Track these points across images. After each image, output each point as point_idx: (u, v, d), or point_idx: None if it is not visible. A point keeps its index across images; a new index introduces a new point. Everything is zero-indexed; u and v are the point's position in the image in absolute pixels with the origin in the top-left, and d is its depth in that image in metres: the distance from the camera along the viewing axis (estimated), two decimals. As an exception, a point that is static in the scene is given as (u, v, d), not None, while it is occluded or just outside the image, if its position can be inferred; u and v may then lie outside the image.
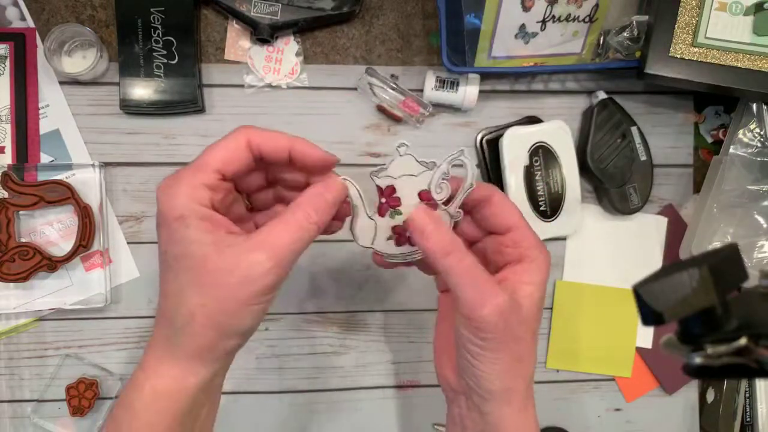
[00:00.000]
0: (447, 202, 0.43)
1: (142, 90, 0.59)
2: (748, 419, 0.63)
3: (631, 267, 0.65)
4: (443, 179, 0.43)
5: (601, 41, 0.62)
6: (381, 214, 0.43)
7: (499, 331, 0.38)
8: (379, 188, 0.43)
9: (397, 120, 0.63)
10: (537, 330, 0.41)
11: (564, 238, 0.65)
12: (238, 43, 0.62)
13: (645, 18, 0.58)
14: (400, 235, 0.44)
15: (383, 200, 0.43)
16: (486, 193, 0.43)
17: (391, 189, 0.43)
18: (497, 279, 0.40)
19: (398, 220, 0.43)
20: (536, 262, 0.41)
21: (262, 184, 0.43)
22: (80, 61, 0.60)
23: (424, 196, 0.43)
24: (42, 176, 0.59)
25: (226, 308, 0.36)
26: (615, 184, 0.63)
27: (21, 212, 0.59)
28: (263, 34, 0.59)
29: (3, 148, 0.59)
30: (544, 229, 0.62)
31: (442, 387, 0.46)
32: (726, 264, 0.31)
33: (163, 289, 0.38)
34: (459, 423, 0.44)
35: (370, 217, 0.43)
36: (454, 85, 0.61)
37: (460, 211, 0.44)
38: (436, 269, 0.41)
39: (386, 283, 0.64)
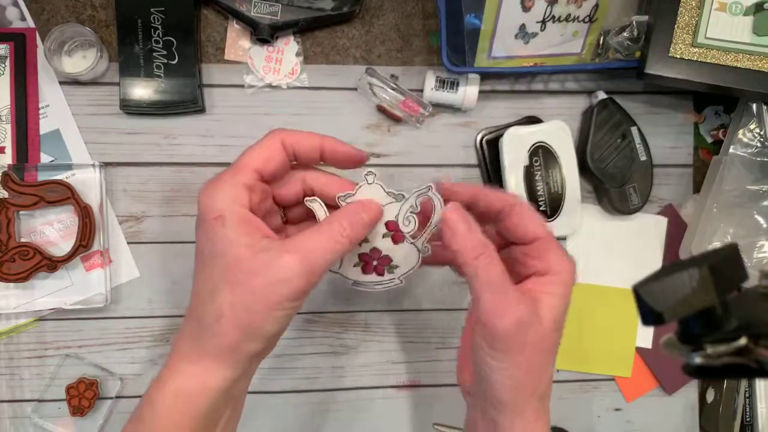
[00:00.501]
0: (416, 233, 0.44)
1: (142, 90, 0.59)
2: (747, 419, 0.63)
3: (631, 267, 0.65)
4: (411, 212, 0.43)
5: (601, 41, 0.62)
6: None
7: (515, 344, 0.37)
8: None
9: (397, 120, 0.63)
10: (557, 343, 0.40)
11: (564, 238, 0.65)
12: (238, 43, 0.62)
13: (645, 18, 0.58)
14: (367, 263, 0.44)
15: None
16: (509, 202, 0.42)
17: None
18: (520, 289, 0.39)
19: (365, 248, 0.44)
20: (561, 275, 0.40)
21: (298, 198, 0.44)
22: (80, 61, 0.60)
23: (392, 227, 0.43)
24: (42, 176, 0.59)
25: (253, 309, 0.37)
26: (615, 184, 0.63)
27: (21, 212, 0.59)
28: (263, 34, 0.59)
29: (3, 148, 0.59)
30: (544, 229, 0.62)
31: (461, 390, 0.45)
32: (726, 264, 0.31)
33: (196, 288, 0.39)
34: (473, 428, 0.43)
35: None
36: (454, 85, 0.61)
37: (429, 246, 0.44)
38: (462, 272, 0.40)
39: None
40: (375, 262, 0.44)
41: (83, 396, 0.59)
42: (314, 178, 0.43)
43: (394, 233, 0.44)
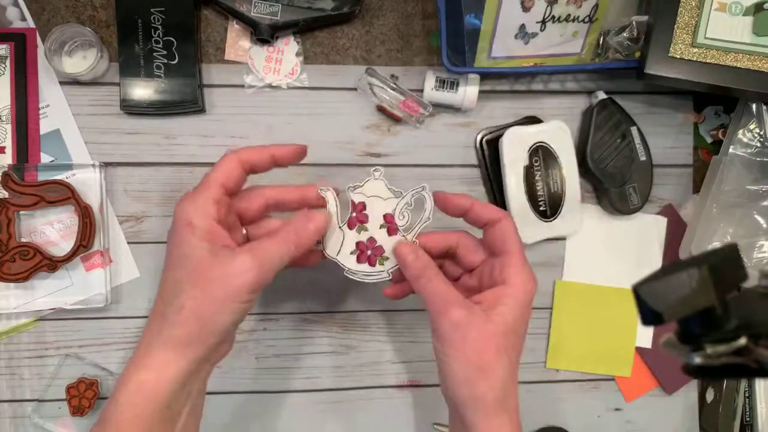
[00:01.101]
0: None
1: (142, 90, 0.59)
2: (747, 419, 0.63)
3: (630, 267, 0.65)
4: (406, 208, 0.50)
5: (601, 41, 0.63)
6: (350, 226, 0.50)
7: (457, 337, 0.43)
8: (352, 202, 0.50)
9: (397, 120, 0.63)
10: (511, 348, 0.44)
11: (564, 238, 0.65)
12: (238, 43, 0.62)
13: (645, 18, 0.59)
14: (362, 252, 0.50)
15: (354, 214, 0.50)
16: (497, 216, 0.47)
17: (362, 206, 0.50)
18: (477, 298, 0.45)
19: (363, 236, 0.50)
20: (515, 287, 0.45)
21: (261, 211, 0.50)
22: (80, 62, 0.60)
23: (389, 219, 0.50)
24: (42, 176, 0.59)
25: (212, 299, 0.42)
26: (615, 184, 0.63)
27: (21, 212, 0.59)
28: (263, 35, 0.59)
29: (3, 148, 0.59)
30: (544, 229, 0.62)
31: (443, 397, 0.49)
32: (726, 264, 0.31)
33: (162, 287, 0.45)
34: (452, 430, 0.49)
35: (340, 227, 0.50)
36: (454, 85, 0.61)
37: (417, 241, 0.49)
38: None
39: (386, 283, 0.63)
40: (369, 252, 0.50)
41: (83, 396, 0.59)
42: (273, 190, 0.50)
43: (390, 225, 0.50)
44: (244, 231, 0.50)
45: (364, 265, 0.50)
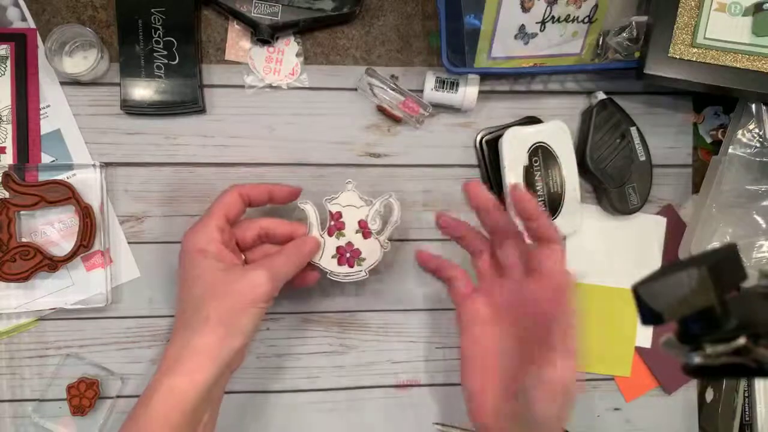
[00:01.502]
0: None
1: (142, 90, 0.59)
2: (746, 419, 0.63)
3: (630, 267, 0.65)
4: (377, 214, 0.56)
5: (601, 42, 0.63)
6: (330, 233, 0.56)
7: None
8: (330, 212, 0.56)
9: (397, 120, 0.63)
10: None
11: (563, 238, 0.65)
12: (238, 43, 0.62)
13: (644, 18, 0.59)
14: (342, 255, 0.56)
15: (332, 222, 0.56)
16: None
17: (339, 214, 0.56)
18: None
19: (342, 241, 0.56)
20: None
21: (255, 239, 0.55)
22: (81, 62, 0.60)
23: (363, 224, 0.56)
24: (43, 176, 0.59)
25: (234, 307, 0.48)
26: (614, 184, 0.63)
27: (22, 212, 0.59)
28: (264, 35, 0.59)
29: (4, 148, 0.59)
30: (544, 229, 0.63)
31: (474, 411, 0.49)
32: (725, 264, 0.31)
33: (182, 306, 0.50)
34: None
35: (321, 235, 0.56)
36: (453, 85, 0.61)
37: (389, 243, 0.56)
38: None
39: (386, 283, 0.64)
40: (348, 254, 0.56)
41: (84, 395, 0.59)
42: (267, 222, 0.55)
43: (364, 230, 0.56)
44: (243, 256, 0.55)
45: (344, 267, 0.56)
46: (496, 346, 0.50)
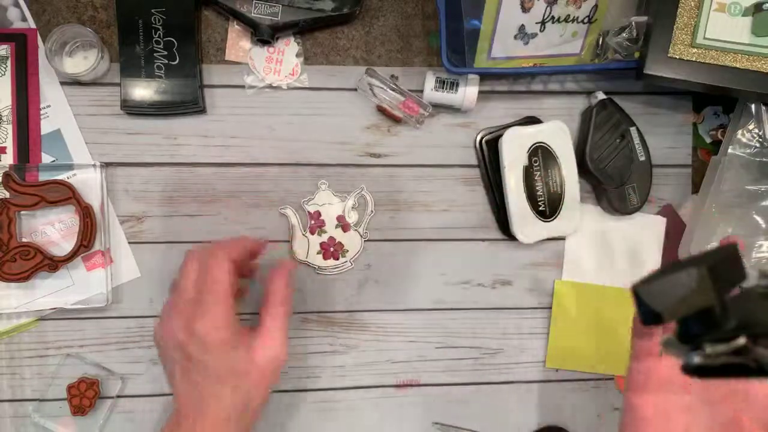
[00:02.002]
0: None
1: (143, 90, 0.60)
2: (746, 418, 0.63)
3: (630, 267, 0.66)
4: (353, 208, 0.61)
5: (600, 42, 0.63)
6: (312, 232, 0.60)
7: None
8: (309, 213, 0.60)
9: (397, 120, 0.63)
10: None
11: (563, 238, 0.65)
12: (238, 43, 0.62)
13: (644, 19, 0.59)
14: (326, 250, 0.61)
15: (312, 222, 0.60)
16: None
17: (318, 213, 0.60)
18: None
19: (324, 237, 0.61)
20: None
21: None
22: (81, 62, 0.60)
23: (341, 219, 0.61)
24: (43, 176, 0.59)
25: (252, 387, 0.48)
26: (614, 184, 0.63)
27: (22, 212, 0.59)
28: (264, 35, 0.59)
29: (4, 148, 0.59)
30: (543, 229, 0.63)
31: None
32: (725, 264, 0.31)
33: (184, 387, 0.48)
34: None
35: (304, 235, 0.60)
36: (453, 85, 0.61)
37: (368, 232, 0.61)
38: None
39: (386, 283, 0.64)
40: (332, 248, 0.61)
41: (84, 395, 0.59)
42: (236, 254, 0.51)
43: (343, 224, 0.61)
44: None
45: (330, 260, 0.60)
46: None
